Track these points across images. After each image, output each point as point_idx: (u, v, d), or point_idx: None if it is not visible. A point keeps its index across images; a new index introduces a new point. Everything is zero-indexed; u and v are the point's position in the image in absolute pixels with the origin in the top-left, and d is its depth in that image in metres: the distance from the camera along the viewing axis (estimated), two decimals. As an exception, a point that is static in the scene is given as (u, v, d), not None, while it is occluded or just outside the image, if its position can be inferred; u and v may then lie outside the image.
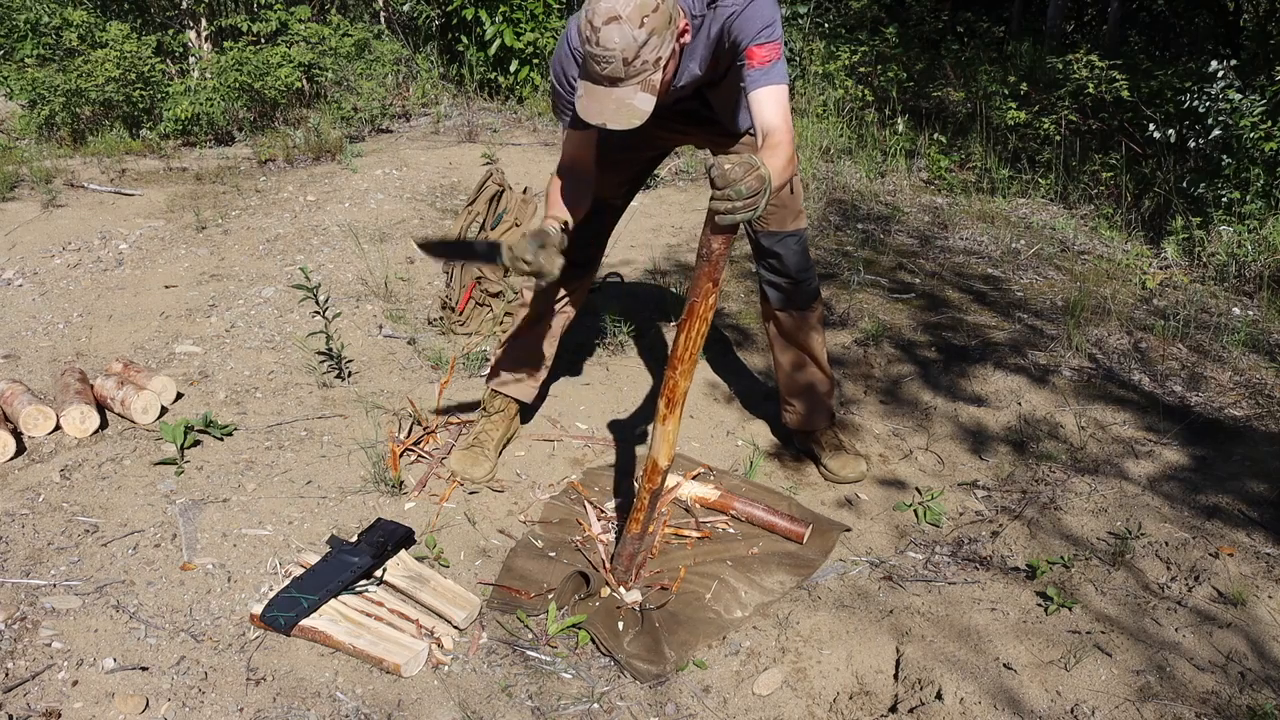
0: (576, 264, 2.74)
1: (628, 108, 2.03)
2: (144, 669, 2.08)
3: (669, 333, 3.68)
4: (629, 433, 3.06)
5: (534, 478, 2.85)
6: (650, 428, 2.22)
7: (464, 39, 7.12)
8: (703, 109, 2.52)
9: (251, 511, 2.61)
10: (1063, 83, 5.99)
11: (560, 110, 2.38)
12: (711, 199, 1.81)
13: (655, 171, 5.39)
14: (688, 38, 2.15)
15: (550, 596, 2.33)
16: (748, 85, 2.19)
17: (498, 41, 6.84)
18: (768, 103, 2.16)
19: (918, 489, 2.84)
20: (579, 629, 2.25)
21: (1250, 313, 4.11)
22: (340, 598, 2.26)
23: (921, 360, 3.56)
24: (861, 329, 3.74)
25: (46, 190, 4.99)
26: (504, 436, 2.89)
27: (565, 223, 2.38)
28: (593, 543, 2.55)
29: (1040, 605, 2.34)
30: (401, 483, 2.73)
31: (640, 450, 2.93)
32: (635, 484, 2.29)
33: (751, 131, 2.56)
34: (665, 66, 2.06)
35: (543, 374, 2.89)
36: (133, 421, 3.00)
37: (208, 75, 6.65)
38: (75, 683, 2.04)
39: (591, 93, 2.05)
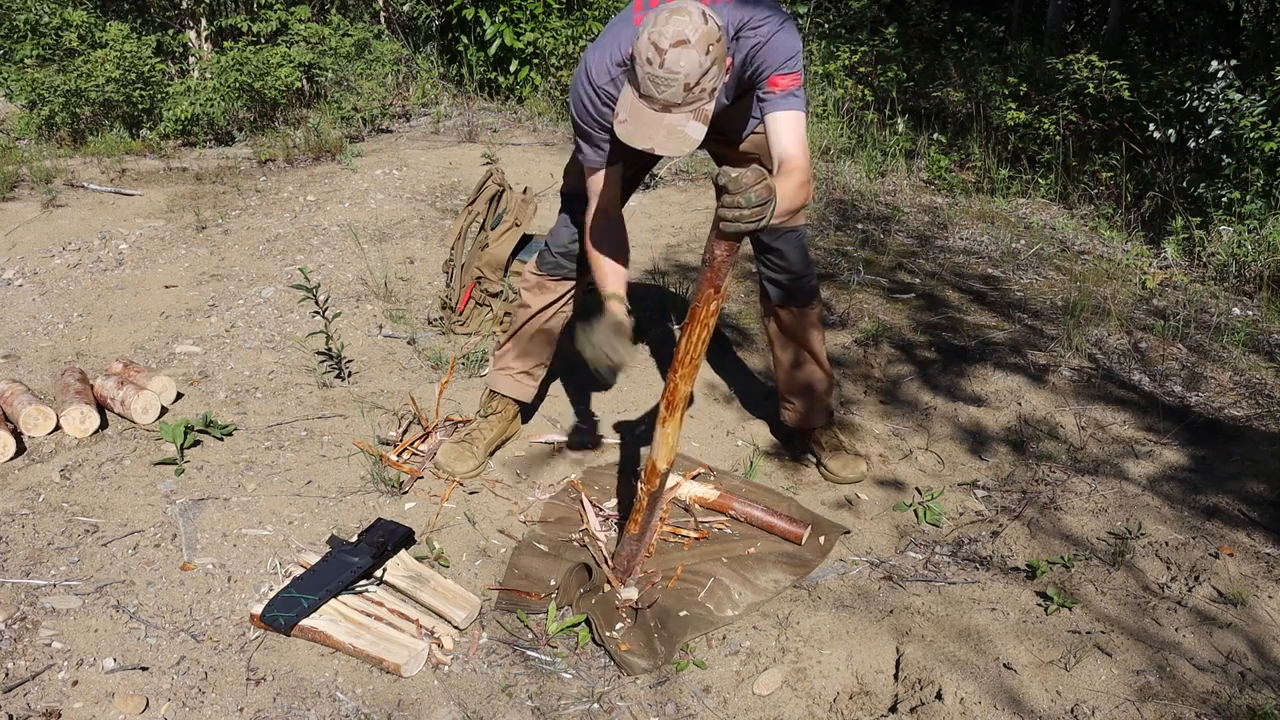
0: (576, 261, 2.74)
1: (679, 135, 2.01)
2: (144, 669, 2.08)
3: (668, 332, 3.68)
4: (629, 432, 3.06)
5: (534, 478, 2.85)
6: (650, 426, 2.22)
7: (464, 39, 7.12)
8: None
9: (251, 511, 2.61)
10: (1063, 83, 6.00)
11: (591, 149, 2.33)
12: (719, 205, 1.81)
13: (655, 171, 5.40)
14: (728, 76, 2.14)
15: (554, 595, 2.34)
16: (766, 109, 2.19)
17: (498, 41, 6.85)
18: (786, 129, 2.16)
19: (918, 489, 2.84)
20: (583, 624, 2.26)
21: (1250, 313, 4.11)
22: (340, 598, 2.26)
23: (921, 360, 3.56)
24: (861, 329, 3.74)
25: (46, 190, 4.99)
26: (498, 437, 2.89)
27: (623, 297, 2.35)
28: (593, 538, 2.55)
29: (1040, 605, 2.34)
30: (401, 483, 2.73)
31: (640, 450, 2.93)
32: (635, 483, 2.29)
33: (757, 131, 2.57)
34: (715, 98, 2.05)
35: (541, 374, 2.89)
36: (133, 421, 3.00)
37: (208, 75, 6.65)
38: (75, 683, 2.04)
39: (640, 117, 2.01)
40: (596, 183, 2.38)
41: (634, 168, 2.71)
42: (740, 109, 2.47)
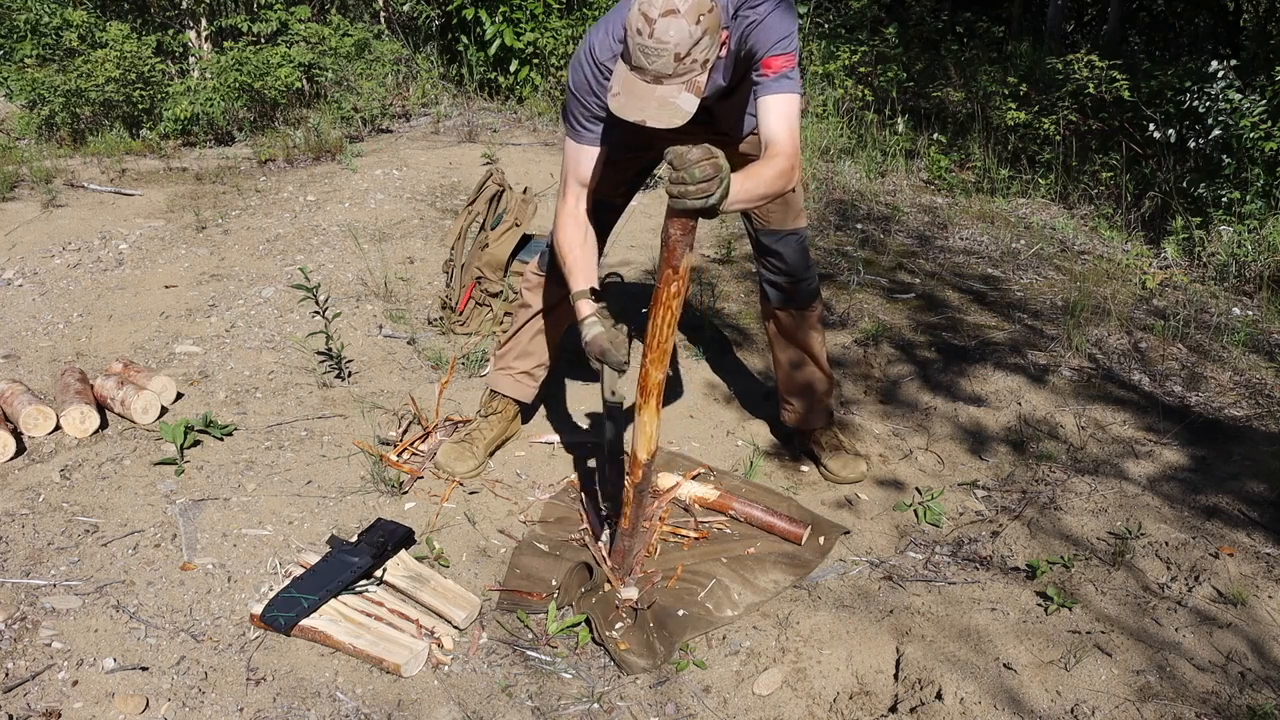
0: None
1: (671, 106, 2.00)
2: (144, 669, 2.08)
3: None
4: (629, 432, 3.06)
5: (534, 478, 2.85)
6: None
7: (464, 39, 7.12)
8: (703, 115, 2.52)
9: (251, 511, 2.61)
10: (1063, 83, 6.00)
11: (578, 126, 2.32)
12: (668, 181, 1.81)
13: (655, 171, 5.39)
14: (725, 50, 2.13)
15: (555, 595, 2.34)
16: (758, 92, 2.17)
17: (498, 41, 6.84)
18: (775, 112, 2.15)
19: (918, 489, 2.84)
20: (583, 624, 2.26)
21: (1250, 313, 4.11)
22: (340, 598, 2.26)
23: (921, 360, 3.56)
24: (861, 329, 3.74)
25: (46, 190, 4.99)
26: (498, 437, 2.89)
27: (594, 289, 2.34)
28: (593, 537, 2.55)
29: (1040, 605, 2.34)
30: (401, 483, 2.73)
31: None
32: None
33: (755, 131, 2.56)
34: (708, 71, 2.04)
35: (542, 374, 2.89)
36: (133, 421, 3.00)
37: (208, 75, 6.65)
38: (75, 683, 2.04)
39: (632, 89, 2.01)
40: (575, 159, 2.35)
41: (636, 167, 2.71)
42: (738, 100, 2.44)
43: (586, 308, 2.31)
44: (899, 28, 7.29)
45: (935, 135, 6.20)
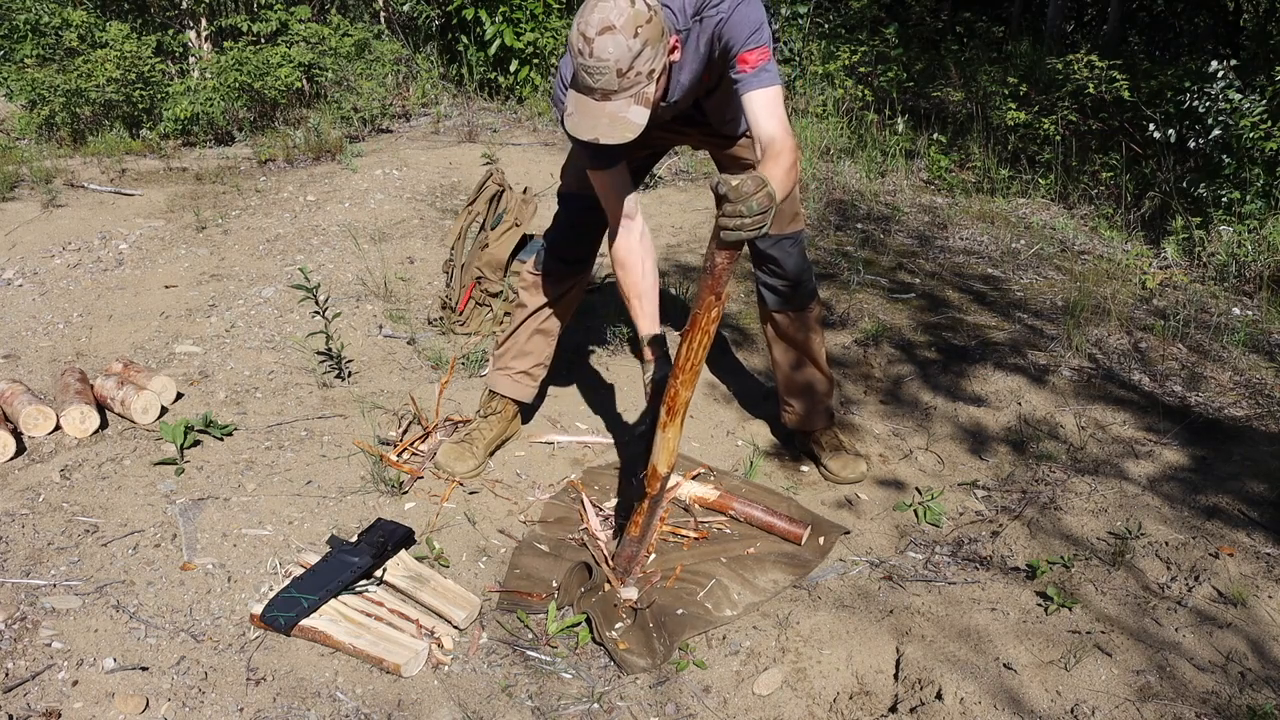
0: (573, 261, 2.74)
1: (621, 121, 2.01)
2: (144, 669, 2.08)
3: (667, 333, 3.68)
4: (629, 432, 3.06)
5: (534, 478, 2.85)
6: (651, 427, 2.22)
7: (464, 39, 7.12)
8: (697, 114, 2.51)
9: (251, 511, 2.61)
10: (1063, 83, 6.00)
11: (587, 155, 2.31)
12: (719, 215, 1.81)
13: (654, 171, 5.39)
14: (677, 54, 2.13)
15: (555, 595, 2.34)
16: (740, 89, 2.16)
17: (498, 41, 6.85)
18: (763, 108, 2.13)
19: (918, 489, 2.84)
20: (583, 624, 2.26)
21: (1250, 313, 4.11)
22: (340, 598, 2.26)
23: (921, 360, 3.56)
24: (861, 329, 3.74)
25: (46, 190, 4.99)
26: (498, 437, 2.89)
27: (657, 335, 2.37)
28: (593, 538, 2.55)
29: (1040, 605, 2.34)
30: (401, 483, 2.73)
31: (640, 450, 2.93)
32: (635, 483, 2.30)
33: (747, 134, 2.55)
34: (657, 80, 2.03)
35: (541, 374, 2.89)
36: (133, 421, 3.00)
37: (208, 75, 6.65)
38: (75, 683, 2.04)
39: (583, 108, 2.02)
40: (603, 185, 2.35)
41: (632, 166, 2.70)
42: (723, 98, 2.42)
43: (652, 354, 2.34)
44: (899, 28, 7.29)
45: (935, 135, 6.20)
